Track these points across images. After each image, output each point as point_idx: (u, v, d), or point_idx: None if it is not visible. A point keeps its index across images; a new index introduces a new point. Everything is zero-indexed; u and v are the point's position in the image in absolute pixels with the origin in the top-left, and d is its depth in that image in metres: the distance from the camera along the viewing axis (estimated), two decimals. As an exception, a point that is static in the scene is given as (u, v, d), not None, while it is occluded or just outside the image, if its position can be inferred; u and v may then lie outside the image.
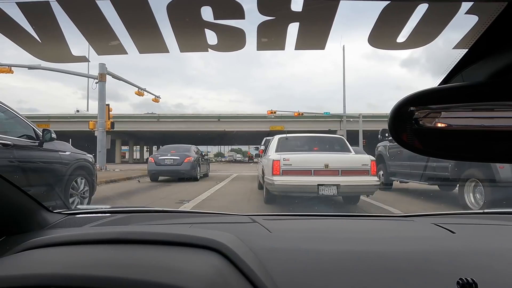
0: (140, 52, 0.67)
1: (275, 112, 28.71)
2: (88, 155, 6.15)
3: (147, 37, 0.66)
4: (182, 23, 0.61)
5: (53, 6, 0.56)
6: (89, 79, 18.06)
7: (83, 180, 5.64)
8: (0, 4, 0.54)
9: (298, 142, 7.50)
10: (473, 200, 5.85)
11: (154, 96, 21.95)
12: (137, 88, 20.21)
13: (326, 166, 5.96)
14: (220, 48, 0.67)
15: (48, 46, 0.66)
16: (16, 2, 0.53)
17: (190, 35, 0.66)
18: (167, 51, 0.67)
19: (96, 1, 0.56)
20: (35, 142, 4.84)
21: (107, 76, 16.87)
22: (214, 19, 0.60)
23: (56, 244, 0.90)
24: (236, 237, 0.99)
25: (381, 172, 9.07)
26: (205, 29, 0.63)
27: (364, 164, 6.08)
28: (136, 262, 0.79)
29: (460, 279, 0.78)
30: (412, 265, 0.91)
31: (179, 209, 2.21)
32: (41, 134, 4.94)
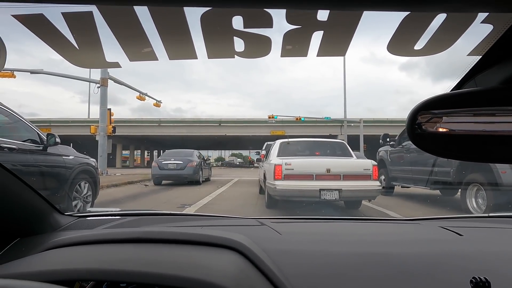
0: (170, 59, 0.71)
1: (272, 117, 28.69)
2: (91, 159, 6.20)
3: (179, 45, 0.69)
4: (214, 31, 0.64)
5: (95, 15, 0.59)
6: (90, 84, 18.09)
7: (86, 184, 5.68)
8: (46, 14, 0.58)
9: (299, 147, 7.51)
10: (475, 205, 5.85)
11: (155, 101, 21.97)
12: (138, 93, 20.23)
13: (328, 170, 5.97)
14: (246, 55, 0.70)
15: (84, 52, 0.69)
16: (61, 12, 0.57)
17: (219, 43, 0.69)
18: (196, 57, 0.70)
19: (135, 10, 0.59)
20: (39, 146, 4.90)
21: (108, 80, 16.90)
22: (244, 28, 0.64)
23: (81, 243, 0.92)
24: (249, 238, 1.01)
25: (382, 177, 9.02)
26: (234, 37, 0.66)
27: (366, 169, 6.09)
28: (162, 259, 0.81)
29: (474, 278, 0.80)
30: (424, 267, 0.92)
31: (187, 213, 2.23)
32: (45, 138, 5.00)
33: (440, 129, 0.63)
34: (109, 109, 16.81)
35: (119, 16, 0.61)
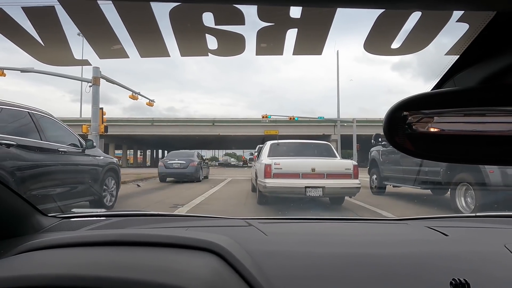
0: (142, 56, 0.69)
1: (266, 117, 28.78)
2: (114, 159, 7.38)
3: (149, 42, 0.67)
4: (184, 28, 0.62)
5: (57, 10, 0.57)
6: (83, 82, 17.86)
7: (112, 180, 6.77)
8: (6, 9, 0.55)
9: (288, 148, 8.02)
10: (464, 204, 5.95)
11: (148, 100, 21.77)
12: (131, 92, 20.04)
13: (313, 170, 6.57)
14: (220, 52, 0.69)
15: (51, 49, 0.67)
16: (21, 7, 0.55)
17: (191, 40, 0.67)
18: (168, 55, 0.68)
19: (100, 5, 0.57)
20: (79, 149, 5.98)
21: (101, 79, 16.69)
22: (215, 25, 0.62)
23: (55, 246, 0.90)
24: (232, 240, 1.00)
25: (374, 176, 9.29)
26: (206, 34, 0.64)
27: (347, 168, 6.72)
28: (136, 263, 0.79)
29: (453, 279, 0.80)
30: (406, 267, 0.92)
31: (174, 213, 2.21)
32: (84, 142, 6.06)
33: (418, 130, 0.62)
34: (101, 108, 16.62)
35: (83, 12, 0.59)
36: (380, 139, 8.94)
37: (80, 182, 5.81)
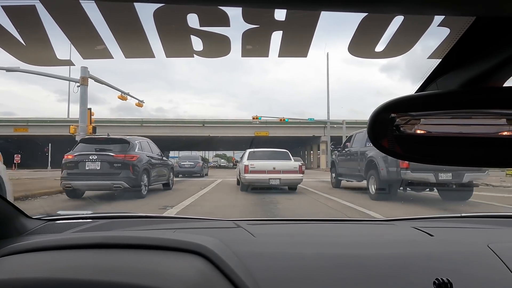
0: (126, 57, 0.68)
1: (257, 118, 28.86)
2: (172, 161, 13.73)
3: (133, 42, 0.66)
4: (168, 29, 0.62)
5: (39, 9, 0.56)
6: (70, 82, 17.55)
7: (172, 173, 11.99)
8: (-16, 7, 0.54)
9: (260, 154, 11.83)
10: (373, 190, 8.83)
11: (137, 101, 21.54)
12: (120, 92, 19.79)
13: (274, 168, 10.69)
14: (205, 54, 0.68)
15: (32, 49, 0.65)
16: (1, 5, 0.53)
17: (176, 41, 0.67)
18: (153, 56, 0.67)
19: (82, 5, 0.56)
20: (161, 156, 11.18)
21: (89, 79, 16.43)
22: (200, 26, 0.62)
23: (37, 249, 0.88)
24: (220, 242, 1.00)
25: (333, 174, 12.61)
26: (191, 36, 0.64)
27: (295, 167, 10.81)
28: (120, 266, 0.78)
29: (436, 279, 0.81)
30: (392, 268, 0.93)
31: (162, 215, 2.19)
32: (162, 153, 11.56)
33: (402, 132, 0.63)
34: (89, 109, 16.39)
35: (65, 11, 0.58)
36: (338, 146, 12.71)
37: (163, 173, 11.12)
